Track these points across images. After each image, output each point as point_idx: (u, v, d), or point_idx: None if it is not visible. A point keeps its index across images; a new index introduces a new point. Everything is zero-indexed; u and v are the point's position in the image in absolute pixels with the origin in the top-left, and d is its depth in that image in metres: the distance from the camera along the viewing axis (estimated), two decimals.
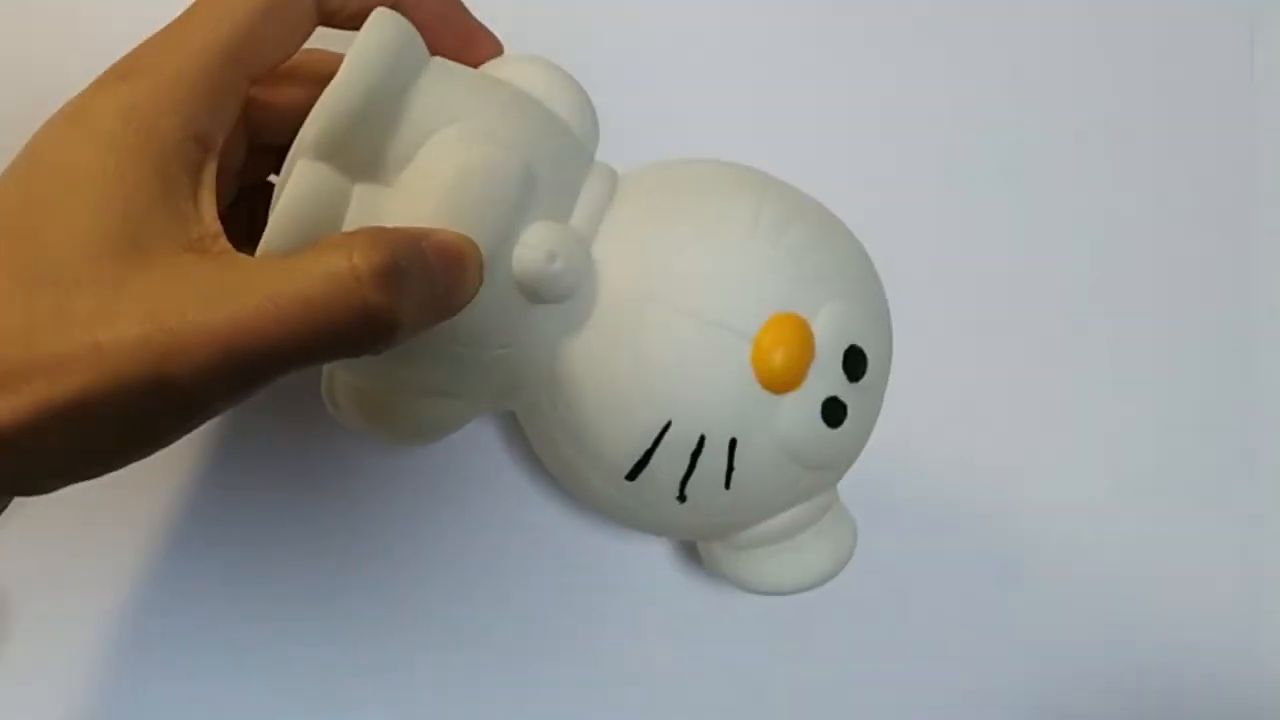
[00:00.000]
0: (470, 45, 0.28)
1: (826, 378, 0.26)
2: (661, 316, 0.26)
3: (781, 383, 0.26)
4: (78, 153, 0.23)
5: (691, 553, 0.33)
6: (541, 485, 0.33)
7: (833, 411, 0.27)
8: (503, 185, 0.25)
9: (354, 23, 0.26)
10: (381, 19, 0.24)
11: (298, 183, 0.24)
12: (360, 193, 0.24)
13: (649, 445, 0.26)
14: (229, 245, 0.23)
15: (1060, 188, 0.35)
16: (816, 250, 0.27)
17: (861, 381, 0.27)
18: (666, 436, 0.26)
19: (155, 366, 0.21)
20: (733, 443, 0.26)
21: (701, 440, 0.26)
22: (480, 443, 0.34)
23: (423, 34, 0.26)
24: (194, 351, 0.21)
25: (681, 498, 0.27)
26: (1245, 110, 0.36)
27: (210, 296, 0.22)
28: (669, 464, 0.26)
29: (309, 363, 0.22)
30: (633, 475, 0.27)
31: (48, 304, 0.22)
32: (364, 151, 0.24)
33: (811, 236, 0.27)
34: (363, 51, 0.24)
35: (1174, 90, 0.36)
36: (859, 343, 0.27)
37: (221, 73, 0.24)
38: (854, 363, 0.27)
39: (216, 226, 0.24)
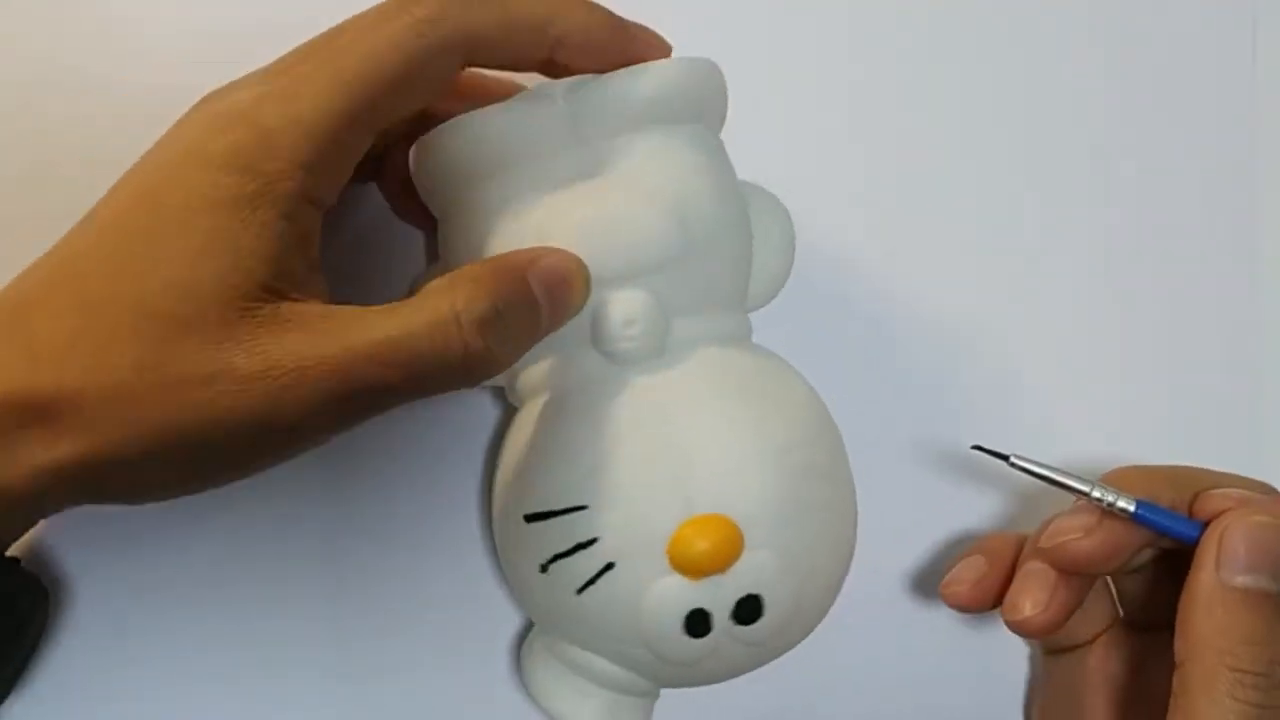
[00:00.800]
0: (632, 46, 0.29)
1: (715, 596, 0.27)
2: (657, 444, 0.27)
3: (680, 562, 0.27)
4: (192, 195, 0.24)
5: None
6: None
7: (696, 623, 0.27)
8: (642, 251, 0.27)
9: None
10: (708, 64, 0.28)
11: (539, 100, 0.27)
12: (573, 131, 0.27)
13: (558, 509, 0.28)
14: (327, 293, 0.25)
15: (1060, 188, 0.36)
16: (806, 512, 0.28)
17: (747, 627, 0.28)
18: (574, 516, 0.28)
19: (266, 403, 0.23)
20: (610, 565, 0.27)
21: (593, 541, 0.27)
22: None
23: (589, 55, 0.27)
24: (303, 389, 0.23)
25: (544, 569, 0.28)
26: (1247, 108, 0.36)
27: (321, 338, 0.24)
28: (557, 535, 0.28)
29: (415, 397, 0.24)
30: (529, 520, 0.28)
31: (160, 339, 0.23)
32: (612, 123, 0.27)
33: (815, 499, 0.28)
34: (694, 67, 0.28)
35: (1175, 89, 0.36)
36: (766, 598, 0.27)
37: (347, 135, 0.25)
38: (748, 608, 0.28)
39: (319, 279, 0.25)
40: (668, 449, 0.27)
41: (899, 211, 0.36)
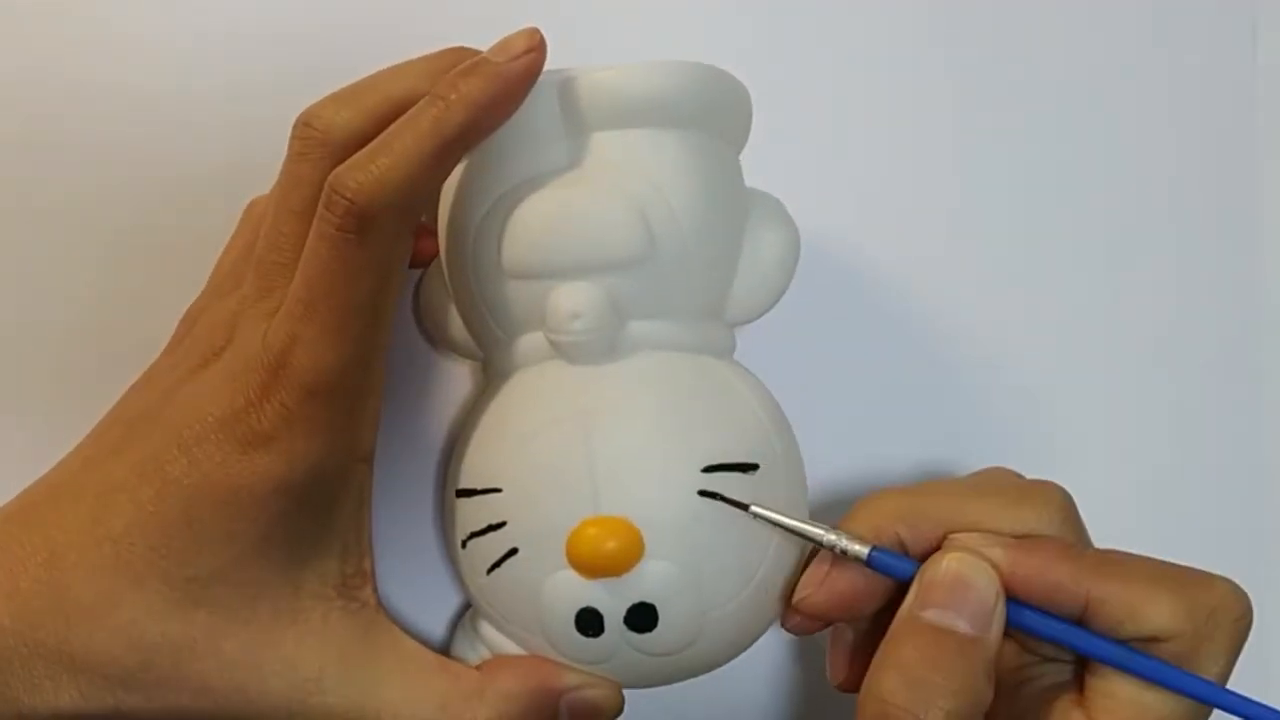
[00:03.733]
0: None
1: (609, 598, 0.27)
2: (576, 439, 0.27)
3: (575, 558, 0.27)
4: (247, 481, 0.25)
5: None
6: None
7: (587, 621, 0.27)
8: (598, 247, 0.27)
9: None
10: (736, 81, 0.29)
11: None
12: (564, 123, 0.27)
13: (479, 488, 0.28)
14: (374, 596, 0.27)
15: (1061, 189, 0.36)
16: (715, 531, 0.27)
17: (641, 636, 0.27)
18: (490, 497, 0.28)
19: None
20: (514, 550, 0.27)
21: (502, 524, 0.28)
22: None
23: None
24: (324, 711, 0.26)
25: (464, 545, 0.29)
26: (1248, 108, 0.36)
27: (348, 666, 0.26)
28: (475, 513, 0.28)
29: None
30: (459, 495, 0.29)
31: (201, 629, 0.25)
32: (601, 118, 0.27)
33: (729, 520, 0.27)
34: (692, 72, 0.27)
35: (1176, 89, 0.36)
36: (661, 608, 0.27)
37: (378, 401, 0.27)
38: (642, 615, 0.27)
39: (369, 565, 0.27)
40: (585, 445, 0.27)
41: (897, 219, 0.35)
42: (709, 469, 0.27)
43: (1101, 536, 0.29)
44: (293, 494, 0.25)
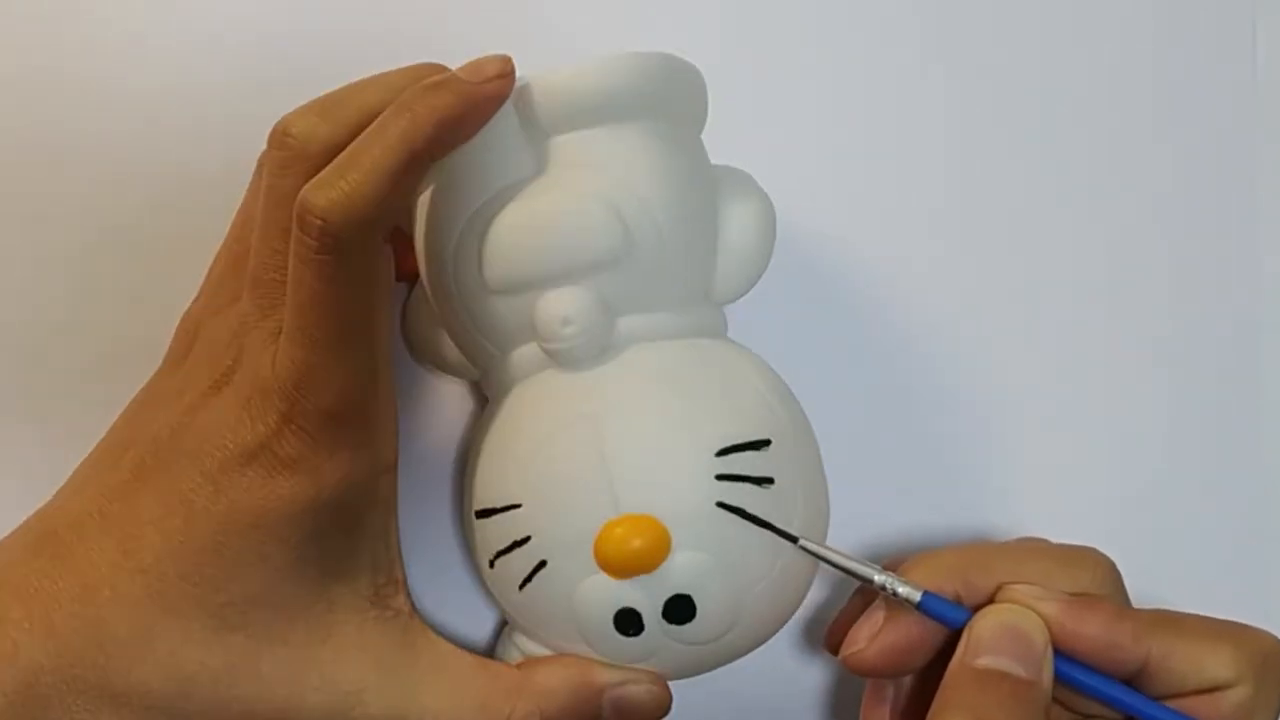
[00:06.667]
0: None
1: (644, 595, 0.27)
2: (587, 444, 0.27)
3: (603, 561, 0.27)
4: (275, 505, 0.25)
5: None
6: None
7: (626, 621, 0.27)
8: (577, 250, 0.27)
9: None
10: (685, 63, 0.28)
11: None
12: (522, 131, 0.27)
13: (498, 507, 0.28)
14: (407, 602, 0.28)
15: (1060, 189, 0.35)
16: (737, 526, 0.27)
17: (682, 627, 0.27)
18: (511, 514, 0.28)
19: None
20: (542, 563, 0.27)
21: (527, 539, 0.28)
22: None
23: None
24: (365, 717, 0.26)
25: (492, 564, 0.29)
26: (1248, 109, 0.36)
27: (387, 675, 0.26)
28: (497, 532, 0.28)
29: None
30: (478, 516, 0.29)
31: (239, 653, 0.25)
32: (557, 122, 0.27)
33: (750, 499, 0.27)
34: (641, 63, 0.27)
35: (1176, 89, 0.36)
36: (697, 597, 0.27)
37: (393, 408, 0.27)
38: (679, 607, 0.27)
39: (400, 572, 0.27)
40: (597, 448, 0.27)
41: (893, 218, 0.35)
42: (722, 452, 0.27)
43: (1101, 543, 0.29)
44: (322, 513, 0.25)
